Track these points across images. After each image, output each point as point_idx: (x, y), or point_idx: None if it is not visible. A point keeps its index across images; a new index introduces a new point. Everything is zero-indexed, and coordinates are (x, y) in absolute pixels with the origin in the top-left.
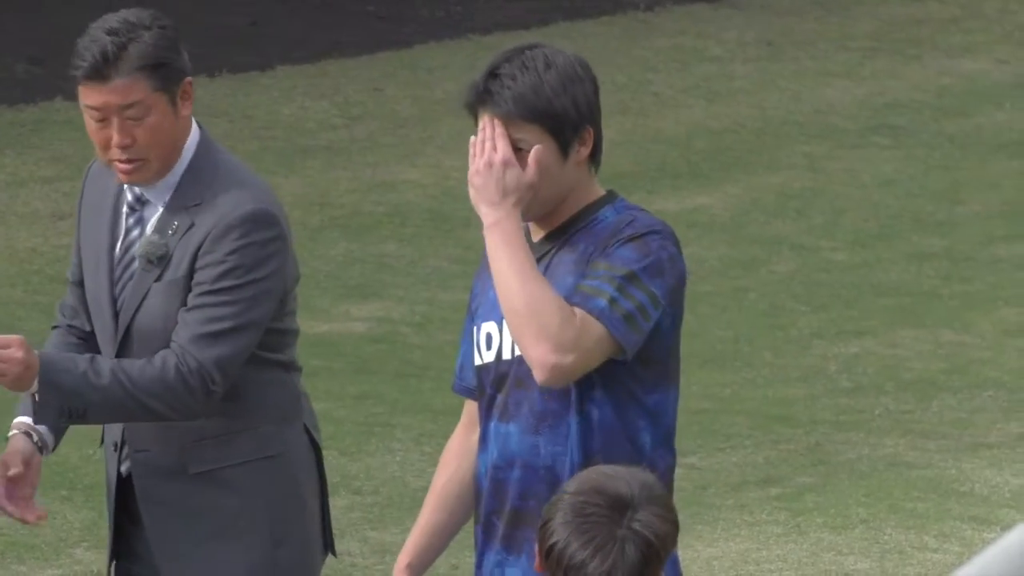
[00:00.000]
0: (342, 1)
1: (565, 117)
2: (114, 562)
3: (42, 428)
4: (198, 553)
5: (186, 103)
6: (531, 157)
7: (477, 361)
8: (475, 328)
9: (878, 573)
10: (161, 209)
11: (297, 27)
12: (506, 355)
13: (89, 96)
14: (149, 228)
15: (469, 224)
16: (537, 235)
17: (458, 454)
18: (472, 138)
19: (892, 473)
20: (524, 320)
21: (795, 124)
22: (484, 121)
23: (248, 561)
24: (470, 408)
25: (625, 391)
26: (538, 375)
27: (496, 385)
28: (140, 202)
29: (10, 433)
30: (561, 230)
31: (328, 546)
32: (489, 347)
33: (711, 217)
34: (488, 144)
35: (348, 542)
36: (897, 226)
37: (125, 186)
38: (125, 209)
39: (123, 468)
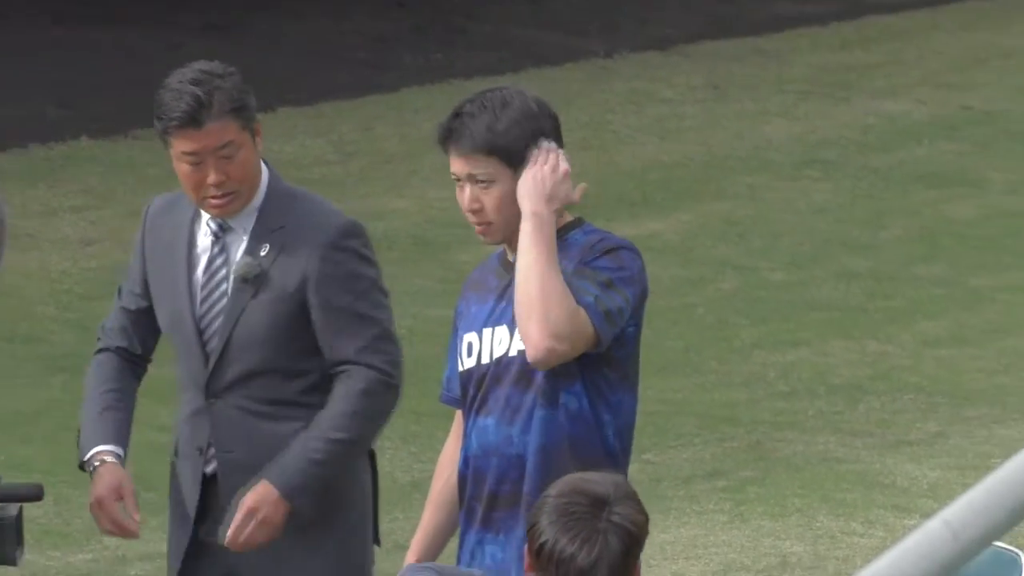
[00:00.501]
0: (336, 50)
1: (516, 149)
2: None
3: (121, 451)
4: (278, 547)
5: (259, 139)
6: (577, 190)
7: (460, 368)
8: (458, 340)
9: (812, 555)
10: (246, 234)
11: (296, 73)
12: (484, 359)
13: (184, 143)
14: (238, 253)
15: (449, 248)
16: (513, 255)
17: (451, 461)
18: (544, 144)
19: (824, 467)
20: (535, 303)
21: (738, 158)
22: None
23: (323, 554)
24: (459, 419)
25: (596, 387)
26: (531, 354)
27: (476, 385)
28: (223, 230)
29: (106, 458)
30: None
31: (376, 538)
32: (470, 354)
33: (664, 241)
34: (555, 155)
35: None
36: (828, 249)
37: (204, 218)
38: (209, 238)
39: (208, 469)
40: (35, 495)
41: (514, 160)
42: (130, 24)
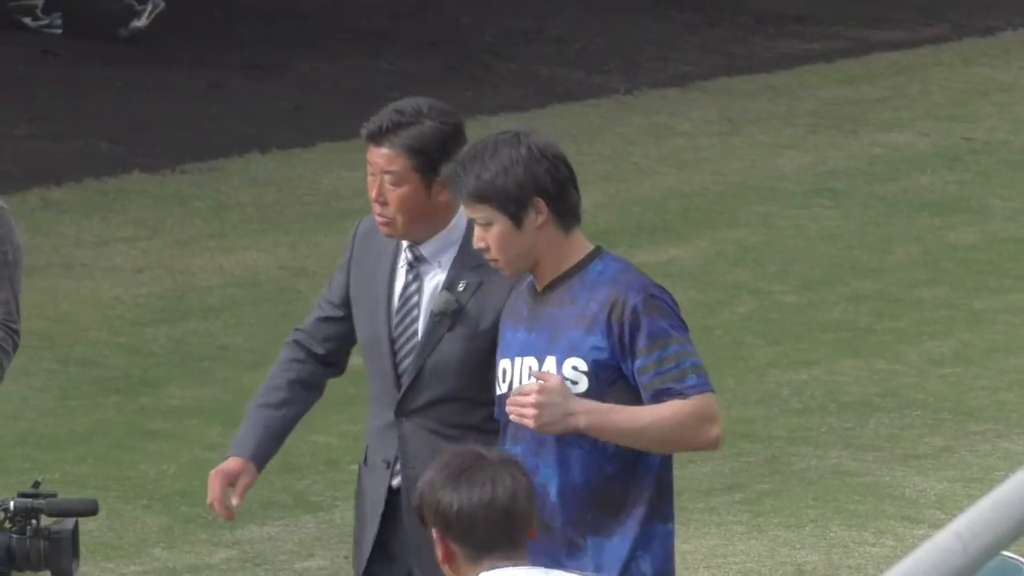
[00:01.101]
0: (372, 88)
1: (505, 194)
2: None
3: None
4: None
5: (443, 191)
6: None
7: (497, 392)
8: (496, 365)
9: (825, 564)
10: (441, 269)
11: (334, 111)
12: (516, 386)
13: (368, 151)
14: (432, 284)
15: None
16: (541, 285)
17: None
18: (510, 402)
19: (836, 480)
20: (685, 439)
21: (751, 188)
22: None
23: None
24: None
25: None
26: (711, 450)
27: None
28: (418, 260)
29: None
30: (561, 280)
31: None
32: (504, 380)
33: (682, 267)
34: (518, 397)
35: None
36: (837, 273)
37: (403, 247)
38: (404, 266)
39: (394, 482)
40: (90, 510)
41: (506, 204)
42: (175, 65)
